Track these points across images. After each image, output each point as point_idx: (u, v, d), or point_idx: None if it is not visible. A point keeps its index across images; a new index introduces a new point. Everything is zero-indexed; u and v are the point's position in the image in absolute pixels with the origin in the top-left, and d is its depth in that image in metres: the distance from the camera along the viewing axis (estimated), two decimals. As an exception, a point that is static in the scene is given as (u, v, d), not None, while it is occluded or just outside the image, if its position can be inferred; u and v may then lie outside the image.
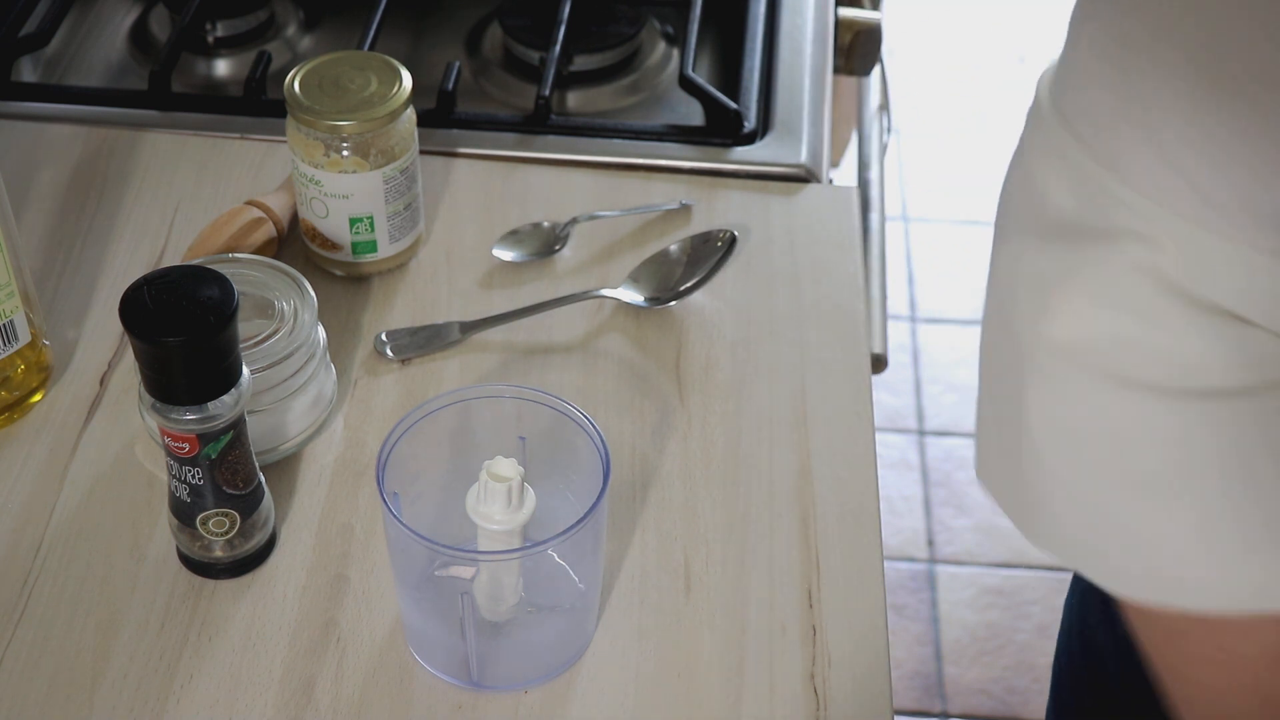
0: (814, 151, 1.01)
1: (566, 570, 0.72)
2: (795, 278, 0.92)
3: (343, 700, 0.70)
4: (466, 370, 0.86)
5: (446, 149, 1.00)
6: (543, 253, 0.93)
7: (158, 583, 0.75)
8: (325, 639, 0.73)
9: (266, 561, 0.76)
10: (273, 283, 0.80)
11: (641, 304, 0.89)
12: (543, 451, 0.72)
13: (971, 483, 2.01)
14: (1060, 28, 0.69)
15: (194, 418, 0.68)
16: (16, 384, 0.82)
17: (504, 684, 0.71)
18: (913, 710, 1.77)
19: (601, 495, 0.66)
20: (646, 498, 0.79)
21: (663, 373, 0.86)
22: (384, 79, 0.86)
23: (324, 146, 0.85)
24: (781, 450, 0.82)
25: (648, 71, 1.12)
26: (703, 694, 0.71)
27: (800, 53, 1.08)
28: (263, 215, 0.89)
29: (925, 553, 1.94)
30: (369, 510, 0.78)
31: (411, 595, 0.71)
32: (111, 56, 1.14)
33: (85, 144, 0.99)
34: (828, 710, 0.70)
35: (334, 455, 0.81)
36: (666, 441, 0.82)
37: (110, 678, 0.71)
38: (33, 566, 0.75)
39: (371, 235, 0.89)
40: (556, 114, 1.05)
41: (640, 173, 0.99)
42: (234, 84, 1.12)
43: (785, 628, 0.74)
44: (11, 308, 0.79)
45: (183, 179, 0.97)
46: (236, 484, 0.72)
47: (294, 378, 0.78)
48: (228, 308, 0.66)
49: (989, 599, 1.89)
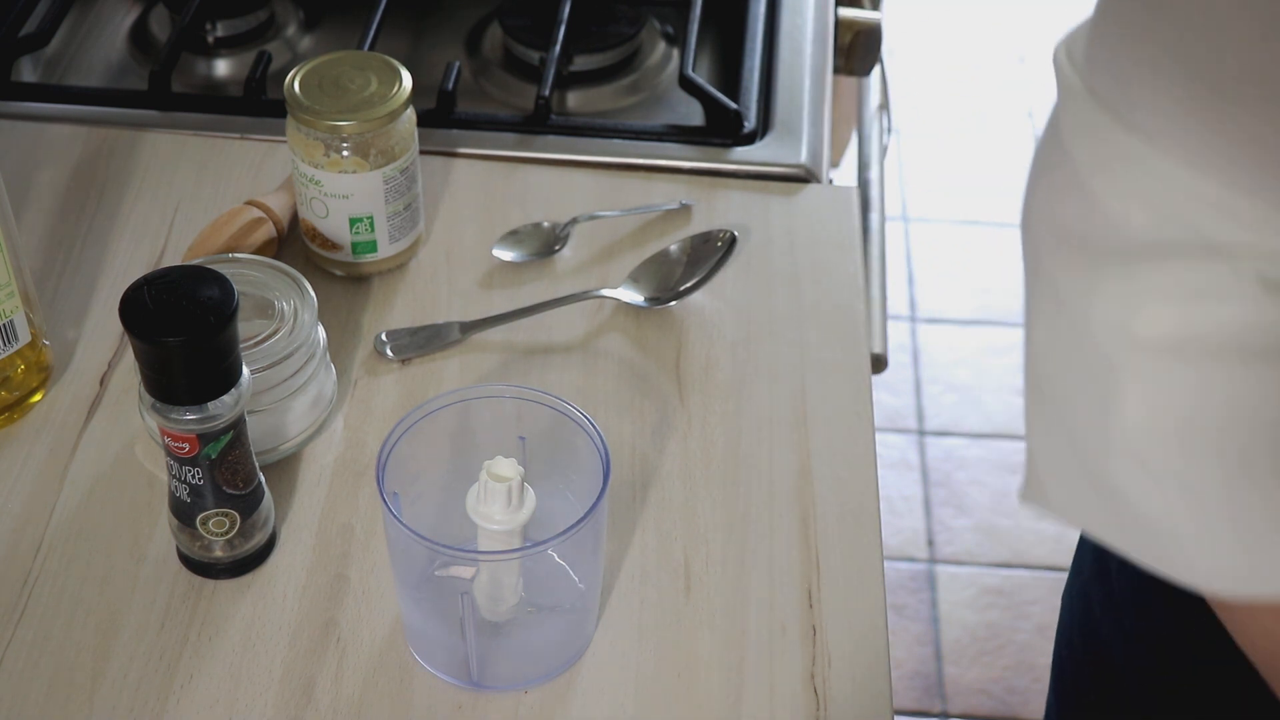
0: (814, 151, 1.01)
1: (566, 570, 0.72)
2: (795, 278, 0.92)
3: (343, 700, 0.70)
4: (466, 370, 0.86)
5: (446, 149, 1.00)
6: (543, 253, 0.93)
7: (158, 583, 0.75)
8: (325, 639, 0.73)
9: (266, 561, 0.76)
10: (273, 283, 0.80)
11: (641, 304, 0.89)
12: (543, 451, 0.72)
13: (972, 483, 2.02)
14: (1059, 28, 0.68)
15: (194, 418, 0.68)
16: (16, 384, 0.82)
17: (504, 684, 0.71)
18: (913, 710, 1.77)
19: (601, 495, 0.66)
20: (646, 498, 0.79)
21: (663, 373, 0.86)
22: (384, 79, 0.86)
23: (324, 146, 0.85)
24: (781, 450, 0.82)
25: (648, 71, 1.12)
26: (703, 694, 0.71)
27: (800, 53, 1.08)
28: (263, 215, 0.89)
29: (925, 553, 1.94)
30: (369, 510, 0.78)
31: (411, 595, 0.71)
32: (111, 56, 1.14)
33: (85, 144, 0.99)
34: (828, 710, 0.70)
35: (334, 455, 0.81)
36: (666, 441, 0.82)
37: (110, 678, 0.71)
38: (33, 566, 0.75)
39: (371, 235, 0.89)
40: (556, 114, 1.05)
41: (640, 173, 0.99)
42: (234, 84, 1.12)
43: (785, 628, 0.74)
44: (11, 308, 0.79)
45: (183, 179, 0.97)
46: (236, 484, 0.72)
47: (294, 378, 0.78)
48: (228, 308, 0.66)
49: (989, 599, 1.89)
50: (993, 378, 2.15)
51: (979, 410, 2.11)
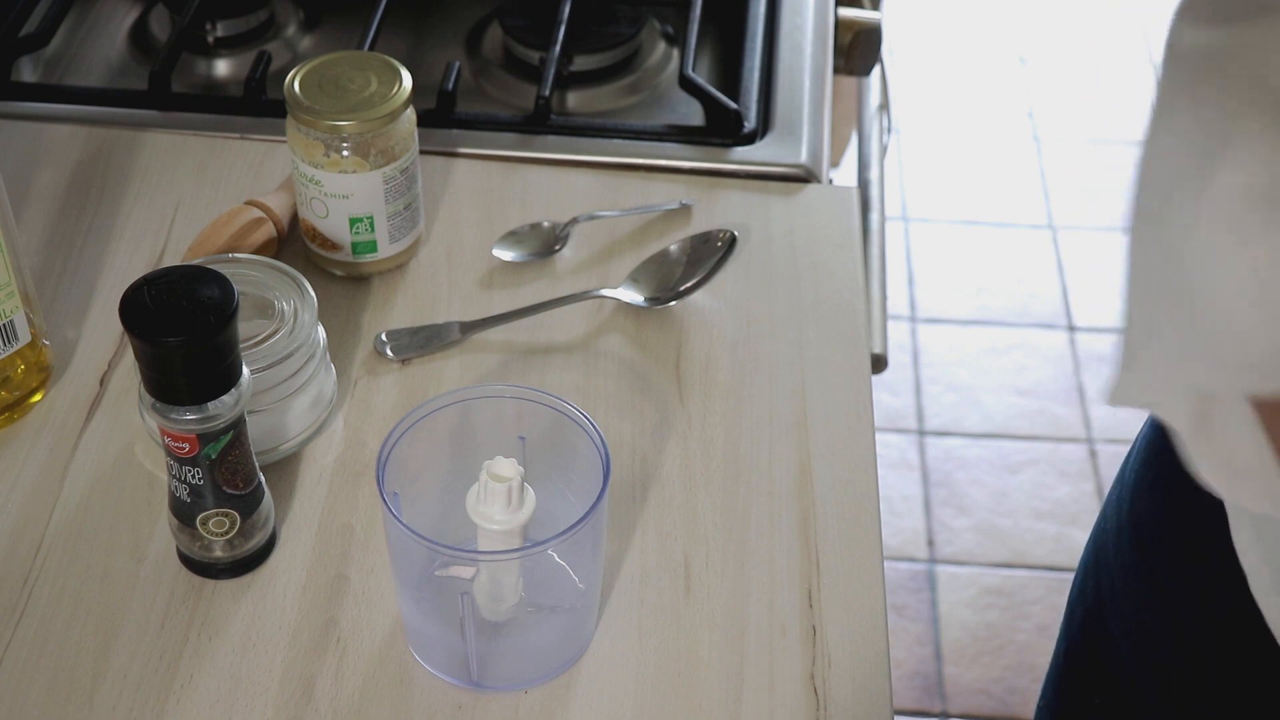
0: (814, 151, 1.01)
1: (566, 570, 0.72)
2: (795, 278, 0.92)
3: (343, 700, 0.70)
4: (466, 370, 0.86)
5: (446, 149, 1.00)
6: (543, 253, 0.93)
7: (158, 583, 0.75)
8: (325, 639, 0.73)
9: (266, 561, 0.76)
10: (273, 283, 0.80)
11: (641, 304, 0.89)
12: (543, 451, 0.72)
13: (972, 483, 2.02)
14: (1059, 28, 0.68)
15: (194, 418, 0.68)
16: (16, 384, 0.82)
17: (504, 684, 0.71)
18: (913, 710, 1.77)
19: (601, 495, 0.66)
20: (646, 498, 0.79)
21: (663, 373, 0.86)
22: (384, 79, 0.86)
23: (324, 146, 0.85)
24: (781, 450, 0.82)
25: (648, 71, 1.12)
26: (703, 694, 0.71)
27: (800, 53, 1.08)
28: (263, 215, 0.89)
29: (925, 553, 1.94)
30: (369, 510, 0.78)
31: (411, 595, 0.71)
32: (111, 56, 1.14)
33: (85, 144, 0.99)
34: (828, 710, 0.70)
35: (334, 455, 0.81)
36: (666, 441, 0.82)
37: (110, 678, 0.71)
38: (33, 566, 0.75)
39: (371, 235, 0.89)
40: (556, 114, 1.05)
41: (640, 173, 0.99)
42: (234, 84, 1.12)
43: (785, 628, 0.74)
44: (11, 308, 0.79)
45: (183, 179, 0.97)
46: (236, 484, 0.72)
47: (294, 378, 0.78)
48: (228, 308, 0.66)
49: (989, 599, 1.89)
50: (993, 378, 2.15)
51: (979, 410, 2.11)
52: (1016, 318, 2.25)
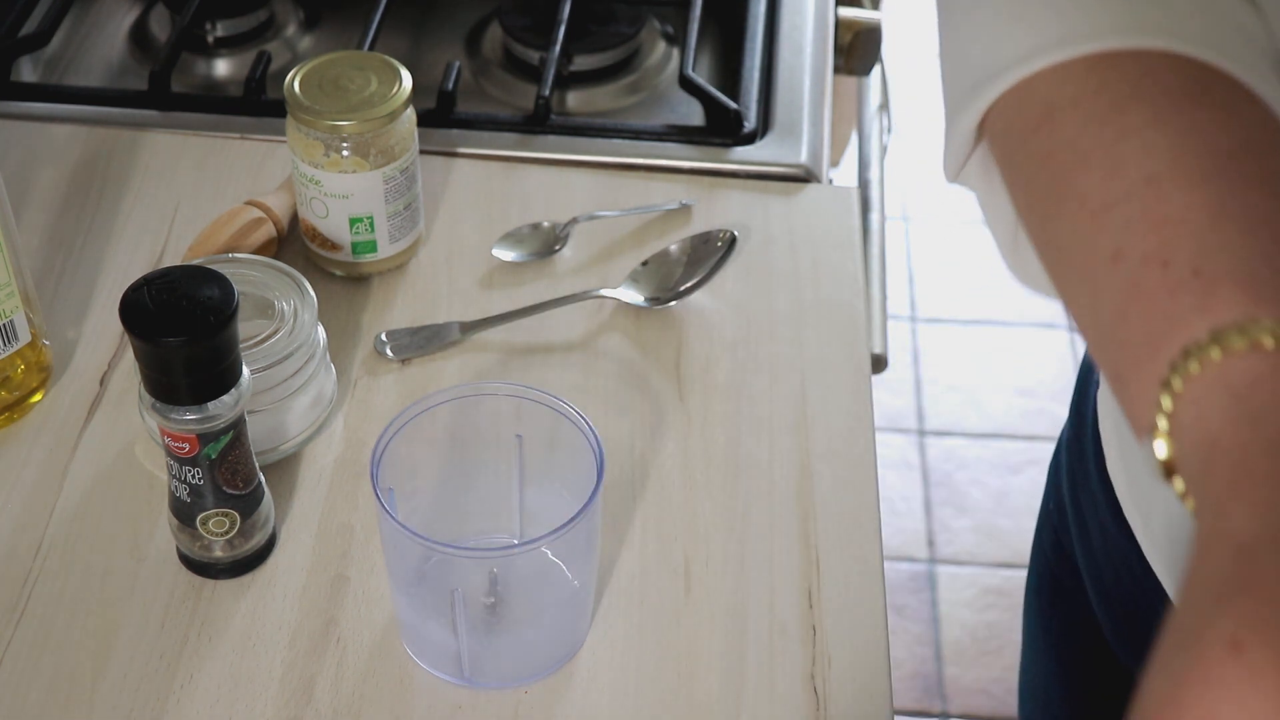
0: (814, 151, 1.01)
1: (560, 568, 0.72)
2: (795, 278, 0.92)
3: (343, 700, 0.70)
4: (466, 370, 0.86)
5: (446, 149, 1.00)
6: (543, 253, 0.93)
7: (158, 583, 0.75)
8: (325, 639, 0.73)
9: (266, 561, 0.76)
10: (273, 283, 0.80)
11: (641, 304, 0.89)
12: (539, 449, 0.72)
13: (972, 483, 2.02)
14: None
15: (194, 418, 0.68)
16: (16, 384, 0.82)
17: (496, 681, 0.71)
18: (913, 710, 1.77)
19: (595, 492, 0.66)
20: (646, 497, 0.79)
21: (662, 373, 0.86)
22: (384, 79, 0.86)
23: (324, 146, 0.85)
24: (781, 450, 0.82)
25: (648, 71, 1.12)
26: (702, 693, 0.71)
27: (800, 53, 1.08)
28: (263, 215, 0.89)
29: (925, 553, 1.94)
30: (369, 510, 0.78)
31: (405, 591, 0.71)
32: (111, 56, 1.14)
33: (85, 144, 0.99)
34: (828, 710, 0.70)
35: (334, 455, 0.81)
36: (666, 441, 0.82)
37: (110, 678, 0.71)
38: (33, 566, 0.75)
39: (371, 235, 0.89)
40: (556, 114, 1.05)
41: (640, 173, 0.99)
42: (234, 84, 1.12)
43: (785, 628, 0.74)
44: (11, 308, 0.79)
45: (183, 179, 0.97)
46: (236, 484, 0.72)
47: (294, 378, 0.78)
48: (228, 308, 0.66)
49: (989, 599, 1.89)
50: (993, 378, 2.15)
51: (979, 410, 2.11)
52: (1016, 318, 2.25)
